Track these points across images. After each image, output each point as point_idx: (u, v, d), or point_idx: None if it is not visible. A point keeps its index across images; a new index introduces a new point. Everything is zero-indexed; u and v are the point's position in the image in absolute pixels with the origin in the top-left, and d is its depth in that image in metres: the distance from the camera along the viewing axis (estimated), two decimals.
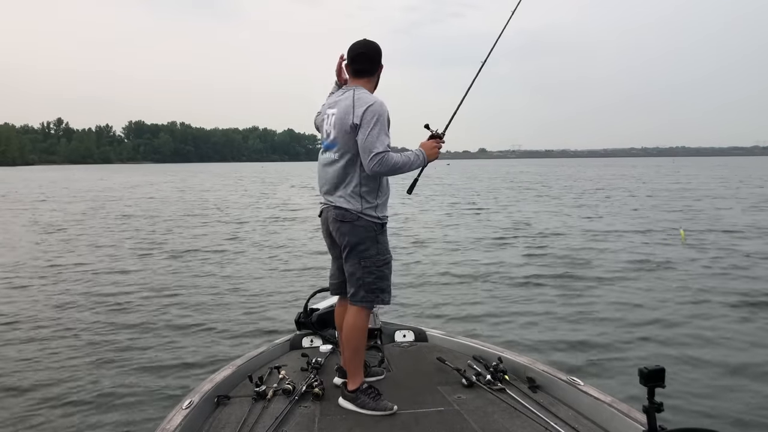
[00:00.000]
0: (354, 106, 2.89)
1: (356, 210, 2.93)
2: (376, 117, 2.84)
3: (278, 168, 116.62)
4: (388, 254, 3.03)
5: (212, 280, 9.59)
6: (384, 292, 3.01)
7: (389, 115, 2.94)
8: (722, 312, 7.09)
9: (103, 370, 5.53)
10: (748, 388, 4.91)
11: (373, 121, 2.83)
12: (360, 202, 2.93)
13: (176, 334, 6.61)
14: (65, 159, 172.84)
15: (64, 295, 8.62)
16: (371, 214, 2.95)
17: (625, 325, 6.65)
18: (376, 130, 2.82)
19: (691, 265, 10.09)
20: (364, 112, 2.85)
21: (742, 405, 4.59)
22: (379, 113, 2.85)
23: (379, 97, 2.96)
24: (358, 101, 2.90)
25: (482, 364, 3.38)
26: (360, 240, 2.94)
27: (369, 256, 2.95)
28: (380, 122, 2.84)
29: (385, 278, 3.00)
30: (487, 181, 50.09)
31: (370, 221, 2.94)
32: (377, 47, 3.05)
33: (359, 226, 2.93)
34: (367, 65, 3.03)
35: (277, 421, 2.75)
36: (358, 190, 2.93)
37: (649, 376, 1.91)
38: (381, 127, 2.84)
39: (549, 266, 10.28)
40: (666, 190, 32.18)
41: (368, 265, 2.96)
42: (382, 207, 3.00)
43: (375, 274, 2.96)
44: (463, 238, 14.27)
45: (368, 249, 2.95)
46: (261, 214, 21.57)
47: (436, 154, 3.08)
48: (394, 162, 2.85)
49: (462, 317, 7.19)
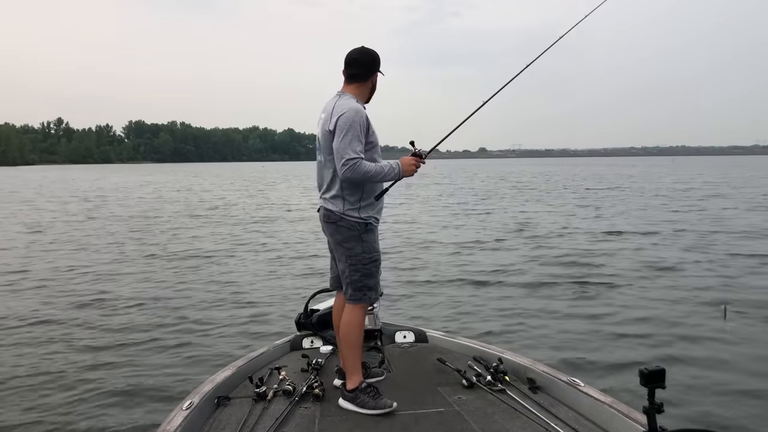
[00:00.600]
0: (332, 113, 2.99)
1: (339, 211, 3.04)
2: (348, 124, 2.92)
3: (278, 168, 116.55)
4: (374, 253, 3.10)
5: (212, 281, 9.59)
6: (371, 289, 3.10)
7: (368, 119, 3.01)
8: (726, 314, 7.05)
9: (104, 370, 5.53)
10: (749, 388, 4.90)
11: (345, 128, 2.92)
12: (342, 204, 3.04)
13: (176, 334, 6.61)
14: (65, 159, 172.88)
15: (65, 295, 8.63)
16: (353, 215, 3.04)
17: (626, 326, 6.64)
18: (348, 137, 2.90)
19: (694, 267, 10.02)
20: (338, 119, 2.95)
21: (743, 405, 4.59)
22: (352, 121, 2.93)
23: (358, 104, 3.03)
24: (336, 108, 3.00)
25: (482, 364, 3.39)
26: (345, 239, 3.06)
27: (354, 254, 3.05)
28: (352, 129, 2.92)
29: (371, 276, 3.08)
30: (488, 180, 49.99)
31: (353, 221, 3.03)
32: (372, 55, 3.12)
33: (342, 226, 3.05)
34: (360, 71, 3.11)
35: (278, 422, 2.76)
36: (340, 193, 3.04)
37: (649, 377, 1.91)
38: (353, 134, 2.91)
39: (550, 267, 10.27)
40: (671, 189, 32.16)
41: (354, 263, 3.06)
42: (366, 208, 3.06)
43: (361, 272, 3.06)
44: (463, 238, 14.24)
45: (353, 248, 3.05)
46: (261, 215, 21.57)
47: (413, 172, 3.13)
48: (366, 170, 2.92)
49: (462, 318, 7.18)
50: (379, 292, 3.17)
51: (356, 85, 3.11)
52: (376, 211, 3.12)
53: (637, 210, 20.74)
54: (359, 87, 3.12)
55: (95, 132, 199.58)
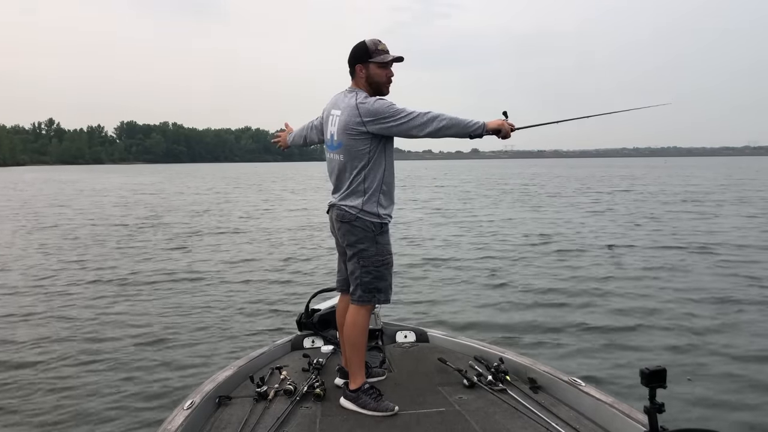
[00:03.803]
0: (357, 107, 2.94)
1: (355, 211, 2.98)
2: (383, 103, 2.93)
3: (272, 169, 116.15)
4: (387, 255, 3.06)
5: (212, 281, 9.60)
6: (381, 292, 3.04)
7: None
8: (728, 314, 7.08)
9: (104, 370, 5.53)
10: (749, 389, 4.94)
11: (384, 106, 2.92)
12: (359, 203, 2.98)
13: (177, 334, 6.61)
14: (57, 159, 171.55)
15: (65, 294, 8.60)
16: (370, 215, 2.98)
17: (627, 326, 6.67)
18: (394, 108, 2.91)
19: (697, 269, 10.02)
20: (368, 109, 2.92)
21: (743, 406, 4.62)
22: (380, 102, 2.94)
23: (360, 95, 3.00)
24: (361, 103, 2.95)
25: (483, 364, 3.39)
26: (359, 239, 3.00)
27: (368, 256, 3.00)
28: (388, 105, 2.92)
29: (382, 278, 3.04)
30: (489, 180, 50.00)
31: (368, 221, 2.98)
32: (355, 48, 3.07)
33: (357, 226, 2.99)
34: (350, 67, 3.09)
35: (279, 421, 2.76)
36: (357, 191, 2.99)
37: (650, 377, 1.91)
38: (392, 106, 2.91)
39: (551, 267, 10.31)
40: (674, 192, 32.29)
41: (366, 265, 3.00)
42: (382, 208, 3.02)
43: (372, 274, 3.01)
44: (464, 239, 14.28)
45: (367, 249, 3.00)
46: (260, 214, 21.54)
47: (499, 129, 2.97)
48: (442, 117, 2.88)
49: (463, 318, 7.20)
50: (389, 295, 3.10)
51: (353, 81, 3.10)
52: (392, 208, 3.10)
53: (652, 214, 19.53)
54: (355, 81, 3.09)
55: (87, 132, 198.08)
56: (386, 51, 3.05)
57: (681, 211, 20.55)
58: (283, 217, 20.52)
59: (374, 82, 3.05)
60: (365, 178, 2.98)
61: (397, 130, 2.92)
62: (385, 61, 3.03)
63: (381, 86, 3.06)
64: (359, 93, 3.01)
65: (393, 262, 3.13)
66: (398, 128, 2.92)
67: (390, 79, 3.09)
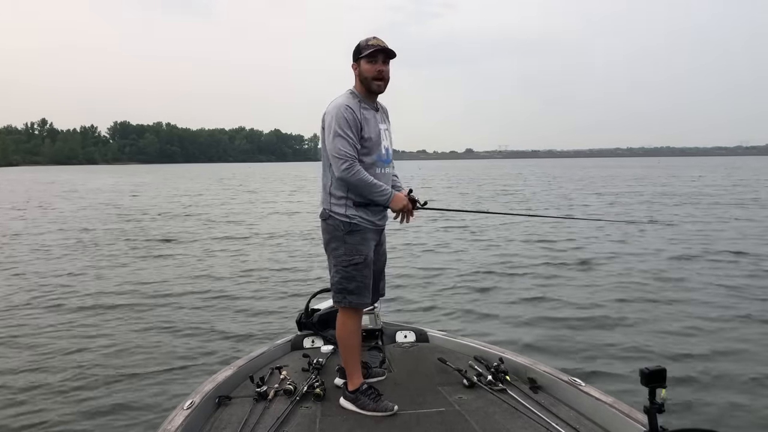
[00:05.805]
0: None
1: (327, 209, 3.03)
2: (328, 121, 2.94)
3: (265, 169, 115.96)
4: (356, 255, 2.99)
5: (213, 280, 9.59)
6: (351, 293, 3.00)
7: (356, 113, 2.92)
8: (729, 315, 7.07)
9: (104, 370, 5.51)
10: (750, 389, 4.96)
11: (328, 125, 2.94)
12: (329, 202, 3.02)
13: (177, 334, 6.61)
14: (50, 160, 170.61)
15: (65, 294, 8.59)
16: (339, 213, 2.99)
17: (627, 326, 6.69)
18: (331, 135, 2.91)
19: (699, 270, 9.98)
20: (323, 117, 2.99)
21: (743, 406, 4.63)
22: (331, 118, 2.93)
23: (342, 100, 2.97)
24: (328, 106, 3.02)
25: (483, 364, 3.40)
26: (330, 238, 3.04)
27: (337, 255, 3.02)
28: (332, 126, 2.91)
29: (351, 279, 2.99)
30: (490, 181, 49.94)
31: (338, 220, 2.99)
32: (355, 48, 3.03)
33: (329, 224, 3.03)
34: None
35: (278, 421, 2.76)
36: (329, 190, 3.02)
37: (650, 377, 1.92)
38: (334, 132, 2.89)
39: (551, 268, 10.32)
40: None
41: (336, 264, 3.03)
42: (353, 208, 2.98)
43: (341, 273, 3.01)
44: (464, 240, 14.28)
45: (337, 248, 3.02)
46: (261, 215, 21.51)
47: (401, 208, 2.99)
48: (359, 177, 2.88)
49: (463, 318, 7.21)
50: (364, 298, 3.04)
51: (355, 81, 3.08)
52: (371, 213, 3.01)
53: (652, 217, 18.93)
54: (355, 81, 3.06)
55: (80, 133, 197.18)
56: (376, 46, 2.94)
57: (683, 212, 20.59)
58: (283, 218, 20.49)
59: (364, 78, 2.98)
60: (334, 179, 2.98)
61: (330, 146, 2.92)
62: (369, 53, 2.92)
63: (369, 82, 2.97)
64: (354, 95, 3.02)
65: (369, 263, 3.04)
66: (330, 145, 2.92)
67: (381, 75, 2.97)
